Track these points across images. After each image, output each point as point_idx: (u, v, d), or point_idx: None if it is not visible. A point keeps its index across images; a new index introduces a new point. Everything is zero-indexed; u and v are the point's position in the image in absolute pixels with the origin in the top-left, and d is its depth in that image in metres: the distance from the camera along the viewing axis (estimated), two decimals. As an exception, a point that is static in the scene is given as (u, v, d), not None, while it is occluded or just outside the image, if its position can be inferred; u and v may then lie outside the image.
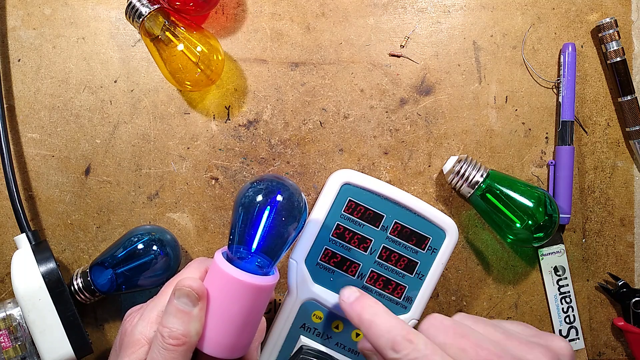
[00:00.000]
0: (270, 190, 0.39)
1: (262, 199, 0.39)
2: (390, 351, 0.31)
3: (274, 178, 0.41)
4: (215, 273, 0.38)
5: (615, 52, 0.51)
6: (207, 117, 0.52)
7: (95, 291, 0.47)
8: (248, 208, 0.39)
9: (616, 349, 0.53)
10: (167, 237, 0.48)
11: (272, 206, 0.39)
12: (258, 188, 0.40)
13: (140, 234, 0.48)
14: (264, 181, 0.40)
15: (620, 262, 0.53)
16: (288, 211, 0.39)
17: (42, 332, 0.44)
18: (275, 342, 0.46)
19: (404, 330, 0.32)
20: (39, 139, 0.52)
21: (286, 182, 0.41)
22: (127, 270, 0.46)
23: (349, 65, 0.52)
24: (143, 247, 0.47)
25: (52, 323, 0.44)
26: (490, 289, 0.52)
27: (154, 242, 0.47)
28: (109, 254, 0.47)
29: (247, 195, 0.40)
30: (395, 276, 0.47)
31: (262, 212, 0.39)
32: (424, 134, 0.52)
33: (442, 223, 0.46)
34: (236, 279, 0.37)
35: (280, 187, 0.40)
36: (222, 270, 0.37)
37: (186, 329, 0.35)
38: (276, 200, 0.39)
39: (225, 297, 0.37)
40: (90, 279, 0.47)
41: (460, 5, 0.52)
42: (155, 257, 0.47)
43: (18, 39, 0.52)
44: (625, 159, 0.53)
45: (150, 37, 0.47)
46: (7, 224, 0.52)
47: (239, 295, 0.37)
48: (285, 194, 0.39)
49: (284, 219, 0.39)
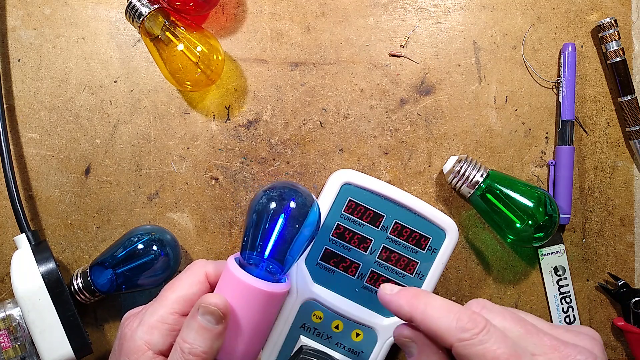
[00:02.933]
0: (286, 197, 0.40)
1: (277, 206, 0.39)
2: (457, 331, 0.30)
3: (290, 185, 0.41)
4: (229, 280, 0.38)
5: (615, 52, 0.51)
6: (207, 117, 0.52)
7: (95, 291, 0.47)
8: (262, 214, 0.39)
9: (616, 349, 0.53)
10: (167, 237, 0.48)
11: (286, 212, 0.39)
12: (274, 195, 0.40)
13: (140, 234, 0.48)
14: (280, 188, 0.41)
15: (620, 262, 0.53)
16: (301, 218, 0.39)
17: (41, 332, 0.44)
18: (275, 342, 0.46)
19: (468, 310, 0.31)
20: (39, 139, 0.52)
21: (300, 188, 0.41)
22: (127, 270, 0.46)
23: (349, 65, 0.52)
24: (143, 247, 0.47)
25: (51, 323, 0.44)
26: (490, 289, 0.52)
27: (154, 242, 0.47)
28: (109, 254, 0.47)
29: (261, 202, 0.40)
30: (395, 276, 0.47)
31: (276, 219, 0.39)
32: (424, 134, 0.52)
33: (443, 223, 0.46)
34: (251, 286, 0.37)
35: (293, 194, 0.40)
36: (236, 278, 0.37)
37: (208, 346, 0.35)
38: (290, 207, 0.39)
39: (239, 305, 0.37)
40: (90, 279, 0.47)
41: (460, 5, 0.52)
42: (155, 257, 0.47)
43: (18, 39, 0.52)
44: (625, 159, 0.53)
45: (150, 37, 0.47)
46: (6, 224, 0.52)
47: (253, 302, 0.37)
48: (300, 201, 0.40)
49: (297, 226, 0.39)
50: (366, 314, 0.46)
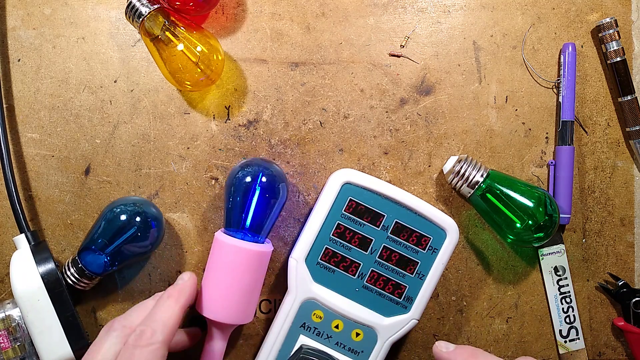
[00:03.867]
0: (254, 172, 0.47)
1: (249, 179, 0.47)
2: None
3: (259, 161, 0.49)
4: (220, 248, 0.45)
5: (615, 52, 0.51)
6: (207, 117, 0.52)
7: (91, 275, 0.47)
8: (238, 189, 0.47)
9: (616, 349, 0.53)
10: (148, 207, 0.48)
11: (256, 186, 0.47)
12: (245, 171, 0.47)
13: (120, 206, 0.47)
14: (250, 165, 0.48)
15: (620, 262, 0.53)
16: (270, 189, 0.47)
17: (41, 332, 0.44)
18: (275, 342, 0.46)
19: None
20: (39, 139, 0.52)
21: (267, 162, 0.48)
22: (116, 246, 0.46)
23: (349, 65, 0.52)
24: (126, 218, 0.46)
25: (51, 324, 0.44)
26: (490, 289, 0.52)
27: (137, 214, 0.47)
28: (92, 235, 0.47)
29: (236, 177, 0.47)
30: (396, 276, 0.47)
31: (250, 193, 0.47)
32: (424, 134, 0.52)
33: (443, 223, 0.46)
34: (242, 247, 0.45)
35: (262, 168, 0.47)
36: (228, 244, 0.45)
37: None
38: (261, 181, 0.47)
39: (231, 266, 0.45)
40: (82, 265, 0.46)
41: (460, 5, 0.52)
42: (139, 228, 0.46)
43: (18, 39, 0.52)
44: (625, 159, 0.53)
45: (150, 37, 0.47)
46: (6, 224, 0.51)
47: (245, 262, 0.45)
48: (268, 173, 0.47)
49: (267, 195, 0.47)
50: (366, 313, 0.46)
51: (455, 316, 0.52)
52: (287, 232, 0.52)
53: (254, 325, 0.52)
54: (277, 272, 0.52)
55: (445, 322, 0.52)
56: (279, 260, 0.52)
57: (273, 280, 0.52)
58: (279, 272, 0.52)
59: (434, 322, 0.52)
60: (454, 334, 0.52)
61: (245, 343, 0.52)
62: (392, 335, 0.46)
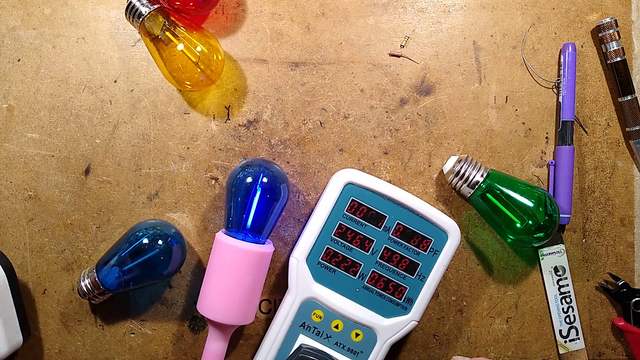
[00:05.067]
0: (255, 173, 0.47)
1: (250, 180, 0.47)
2: None
3: (261, 162, 0.48)
4: (221, 249, 0.45)
5: (615, 52, 0.51)
6: (207, 117, 0.52)
7: (105, 291, 0.47)
8: (238, 190, 0.47)
9: (616, 349, 0.53)
10: (171, 230, 0.48)
11: (257, 187, 0.47)
12: (246, 172, 0.47)
13: (144, 229, 0.47)
14: (251, 166, 0.48)
15: (620, 262, 0.53)
16: (271, 190, 0.47)
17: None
18: (274, 340, 0.46)
19: None
20: (39, 139, 0.52)
21: (267, 163, 0.48)
22: (134, 266, 0.46)
23: (349, 65, 0.52)
24: (148, 242, 0.47)
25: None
26: (490, 289, 0.52)
27: (159, 237, 0.47)
28: (114, 251, 0.47)
29: (238, 177, 0.47)
30: (397, 277, 0.47)
31: (251, 194, 0.47)
32: (424, 134, 0.52)
33: (445, 225, 0.46)
34: (243, 248, 0.45)
35: (264, 169, 0.47)
36: (228, 245, 0.45)
37: None
38: (262, 182, 0.47)
39: (232, 267, 0.45)
40: (98, 278, 0.47)
41: (460, 5, 0.52)
42: (160, 251, 0.47)
43: (18, 39, 0.52)
44: (625, 159, 0.53)
45: (150, 37, 0.47)
46: (6, 224, 0.51)
47: (246, 263, 0.45)
48: (269, 173, 0.47)
49: (268, 196, 0.47)
50: (366, 314, 0.46)
51: (456, 316, 0.52)
52: (287, 232, 0.52)
53: (254, 325, 0.52)
54: (278, 272, 0.52)
55: (445, 322, 0.52)
56: (279, 260, 0.52)
57: (273, 280, 0.52)
58: (279, 272, 0.52)
59: (434, 322, 0.52)
60: (454, 334, 0.52)
61: (245, 343, 0.52)
62: (392, 336, 0.46)
